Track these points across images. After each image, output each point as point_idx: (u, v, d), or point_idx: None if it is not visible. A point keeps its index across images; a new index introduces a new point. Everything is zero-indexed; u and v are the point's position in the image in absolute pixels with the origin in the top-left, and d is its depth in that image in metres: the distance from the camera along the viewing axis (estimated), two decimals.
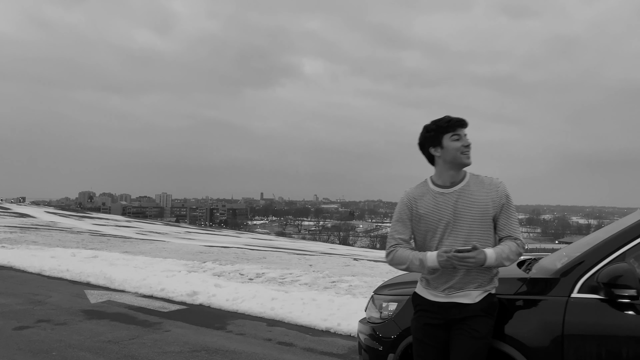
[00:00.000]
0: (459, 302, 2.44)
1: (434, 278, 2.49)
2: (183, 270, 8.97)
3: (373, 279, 8.00)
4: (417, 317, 2.60)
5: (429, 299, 2.53)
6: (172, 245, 13.01)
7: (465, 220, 2.44)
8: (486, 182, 2.53)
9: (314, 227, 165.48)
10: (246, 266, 9.34)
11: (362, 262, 10.35)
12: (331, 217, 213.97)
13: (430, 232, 2.50)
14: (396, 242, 2.58)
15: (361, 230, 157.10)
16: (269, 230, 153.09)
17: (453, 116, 2.52)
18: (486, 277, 2.47)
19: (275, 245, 46.19)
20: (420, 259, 2.45)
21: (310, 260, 10.33)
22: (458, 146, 2.46)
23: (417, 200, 2.56)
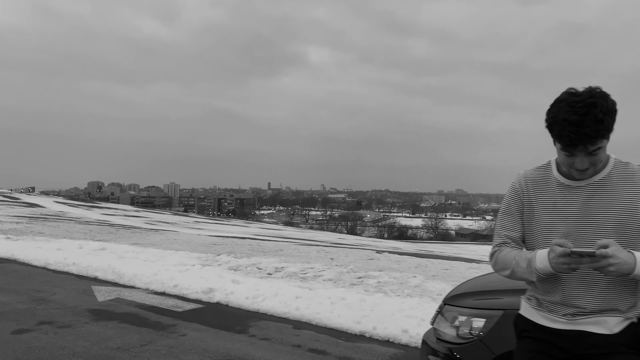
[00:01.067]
0: (589, 331, 1.73)
1: (546, 295, 1.79)
2: (197, 264, 8.39)
3: (402, 274, 7.38)
4: (523, 345, 1.88)
5: (542, 324, 1.82)
6: (183, 237, 12.45)
7: (602, 219, 1.73)
8: (638, 172, 1.78)
9: (322, 217, 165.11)
10: (263, 259, 8.75)
11: (386, 256, 9.72)
12: (338, 206, 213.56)
13: (548, 231, 1.80)
14: (502, 241, 1.89)
15: (369, 219, 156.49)
16: (277, 220, 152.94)
17: (570, 127, 1.62)
18: (630, 299, 1.74)
19: (284, 235, 45.69)
20: (528, 259, 1.77)
21: (331, 253, 9.72)
22: (568, 162, 1.72)
23: (533, 188, 1.88)
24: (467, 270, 8.09)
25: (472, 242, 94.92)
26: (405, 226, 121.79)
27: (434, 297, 6.05)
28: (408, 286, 6.71)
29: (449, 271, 7.95)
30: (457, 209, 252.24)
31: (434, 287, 6.61)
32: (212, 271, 7.77)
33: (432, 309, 5.25)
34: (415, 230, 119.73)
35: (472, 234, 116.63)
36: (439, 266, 8.42)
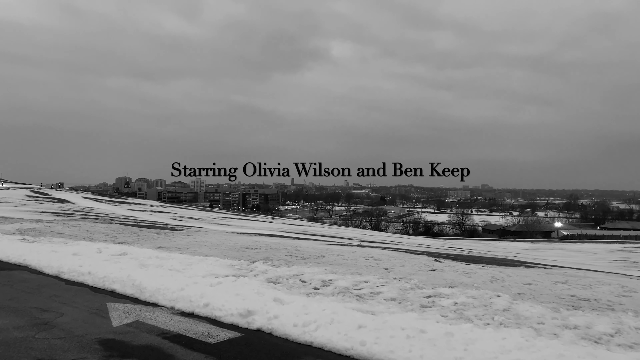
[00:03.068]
0: None
1: None
2: (230, 274, 7.18)
3: (480, 292, 6.01)
4: None
5: None
6: (212, 238, 11.28)
7: None
8: None
9: (345, 212, 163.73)
10: (306, 269, 7.48)
11: (449, 265, 8.33)
12: (362, 202, 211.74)
13: None
14: None
15: (393, 215, 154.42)
16: (301, 215, 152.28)
17: None
18: None
19: (310, 232, 44.50)
20: None
21: (382, 261, 8.38)
22: None
23: None
24: (554, 286, 6.66)
25: (500, 239, 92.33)
26: (431, 222, 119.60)
27: (536, 328, 4.70)
28: (495, 310, 5.35)
29: (533, 287, 6.53)
30: (483, 205, 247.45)
31: (528, 312, 5.23)
32: (249, 284, 6.53)
33: (547, 350, 3.89)
34: (441, 226, 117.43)
35: (499, 230, 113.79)
36: (517, 279, 7.00)
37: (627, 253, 56.09)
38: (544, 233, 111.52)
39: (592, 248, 65.92)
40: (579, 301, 5.71)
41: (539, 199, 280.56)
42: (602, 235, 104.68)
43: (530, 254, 42.71)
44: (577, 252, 56.76)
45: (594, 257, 46.24)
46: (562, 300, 5.71)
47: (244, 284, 6.57)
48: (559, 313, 5.19)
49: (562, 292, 6.19)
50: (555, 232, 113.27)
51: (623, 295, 6.04)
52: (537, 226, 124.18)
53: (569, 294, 6.07)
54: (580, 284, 6.78)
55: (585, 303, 5.62)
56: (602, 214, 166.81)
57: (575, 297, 5.90)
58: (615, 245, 74.22)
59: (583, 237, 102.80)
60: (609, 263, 36.39)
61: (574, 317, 5.05)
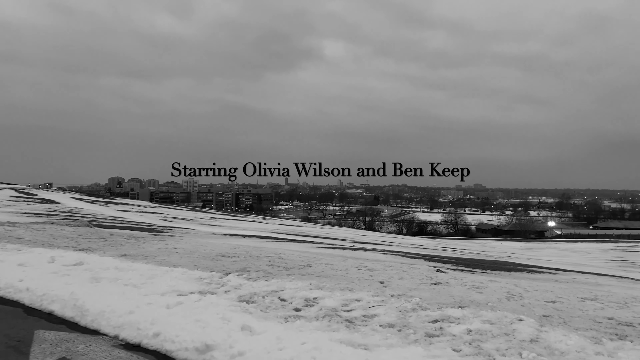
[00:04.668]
0: None
1: None
2: (195, 292, 6.01)
3: (497, 314, 4.89)
4: None
5: None
6: (186, 245, 10.09)
7: None
8: None
9: (339, 212, 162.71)
10: (287, 283, 6.33)
11: (453, 276, 7.19)
12: (356, 202, 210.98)
13: None
14: None
15: (386, 215, 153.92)
16: (294, 215, 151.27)
17: None
18: None
19: (303, 232, 43.34)
20: None
21: (377, 272, 7.22)
22: None
23: None
24: (584, 304, 5.55)
25: (494, 238, 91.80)
26: (424, 221, 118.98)
27: None
28: (520, 341, 4.22)
29: (559, 306, 5.42)
30: (476, 204, 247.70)
31: (563, 344, 4.10)
32: (215, 305, 5.37)
33: None
34: (435, 226, 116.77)
35: (493, 230, 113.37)
36: (538, 295, 5.88)
37: (621, 252, 55.51)
38: (537, 232, 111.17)
39: (585, 247, 65.32)
40: (621, 327, 4.60)
41: (531, 198, 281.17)
42: (595, 235, 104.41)
43: (525, 254, 41.78)
44: (571, 251, 56.08)
45: (588, 257, 45.46)
46: (600, 326, 4.59)
47: (209, 304, 5.40)
48: (602, 345, 4.08)
49: (596, 314, 5.07)
50: (549, 232, 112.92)
51: None
52: (530, 225, 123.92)
53: (605, 316, 4.95)
54: (614, 301, 5.67)
55: (629, 329, 4.51)
56: (594, 213, 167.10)
57: (614, 321, 4.78)
58: (608, 244, 73.75)
59: (576, 236, 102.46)
60: (604, 263, 35.55)
61: (623, 352, 3.94)
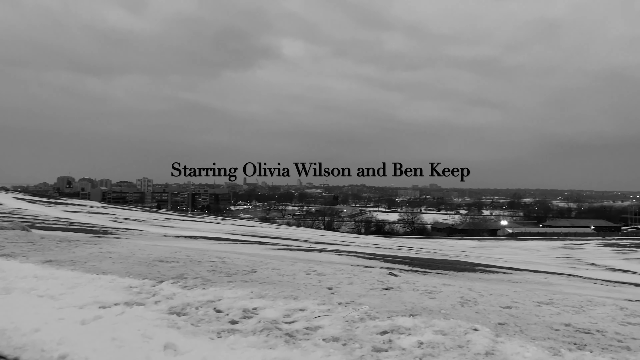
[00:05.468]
0: None
1: None
2: (121, 303, 5.35)
3: (450, 323, 4.52)
4: None
5: None
6: (123, 249, 9.33)
7: None
8: None
9: (298, 212, 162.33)
10: (226, 292, 5.76)
11: (405, 279, 6.80)
12: (315, 202, 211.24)
13: None
14: None
15: (345, 214, 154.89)
16: (253, 215, 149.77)
17: None
18: None
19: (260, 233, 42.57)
20: None
21: (327, 277, 6.75)
22: None
23: None
24: (540, 309, 5.27)
25: (449, 237, 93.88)
26: (382, 221, 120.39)
27: None
28: (475, 354, 3.84)
29: (515, 311, 5.11)
30: (432, 204, 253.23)
31: (520, 357, 3.74)
32: (139, 319, 4.74)
33: None
34: (392, 225, 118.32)
35: (448, 228, 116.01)
36: (492, 300, 5.57)
37: (568, 250, 57.73)
38: (490, 231, 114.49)
39: (535, 245, 67.66)
40: (579, 334, 4.31)
41: (484, 198, 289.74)
42: (544, 233, 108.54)
43: (479, 253, 42.63)
44: (522, 249, 57.84)
45: (538, 255, 46.95)
46: (557, 334, 4.29)
47: (132, 318, 4.77)
48: (561, 357, 3.76)
49: (552, 320, 4.78)
50: (501, 230, 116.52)
51: (629, 322, 4.70)
52: (483, 224, 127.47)
53: (562, 323, 4.67)
54: (570, 305, 5.43)
55: (588, 337, 4.22)
56: (544, 212, 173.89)
57: (572, 328, 4.50)
58: (556, 242, 76.76)
59: (527, 234, 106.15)
60: (553, 260, 36.71)
61: None
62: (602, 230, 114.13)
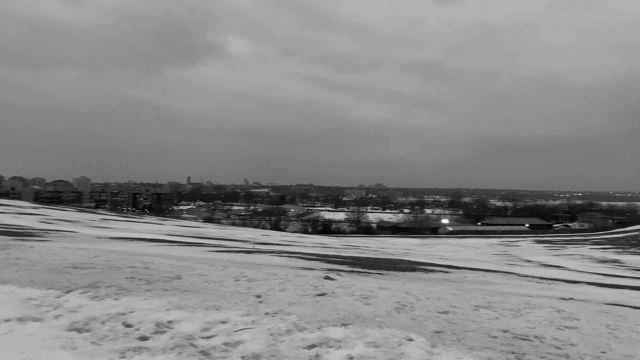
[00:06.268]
0: None
1: None
2: (13, 319, 4.63)
3: (384, 332, 4.15)
4: None
5: None
6: (34, 254, 8.41)
7: None
8: None
9: (244, 212, 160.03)
10: (140, 302, 5.15)
11: (341, 283, 6.42)
12: (262, 201, 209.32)
13: None
14: None
15: (293, 214, 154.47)
16: (197, 215, 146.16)
17: None
18: None
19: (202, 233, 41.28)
20: None
21: (257, 283, 6.25)
22: None
23: None
24: (477, 314, 5.04)
25: (393, 235, 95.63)
26: (329, 220, 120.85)
27: None
28: None
29: (452, 317, 4.84)
30: (377, 203, 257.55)
31: None
32: (30, 339, 4.07)
33: None
34: (339, 224, 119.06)
35: (392, 227, 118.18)
36: (429, 305, 5.29)
37: (504, 247, 60.15)
38: (431, 229, 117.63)
39: (474, 242, 70.08)
40: (517, 341, 4.07)
41: (427, 197, 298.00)
42: (482, 231, 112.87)
43: (421, 250, 43.45)
44: (462, 246, 59.68)
45: (477, 252, 48.51)
46: (495, 343, 4.03)
47: (19, 338, 4.08)
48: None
49: (490, 326, 4.54)
50: (442, 228, 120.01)
51: (566, 326, 4.52)
52: (425, 223, 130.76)
53: (500, 329, 4.43)
54: (508, 309, 5.23)
55: (526, 345, 3.98)
56: (482, 210, 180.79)
57: (510, 334, 4.26)
58: (494, 239, 79.92)
59: (466, 232, 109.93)
60: (491, 257, 37.96)
61: None
62: (535, 227, 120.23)
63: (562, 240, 74.45)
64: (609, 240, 70.06)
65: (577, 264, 32.98)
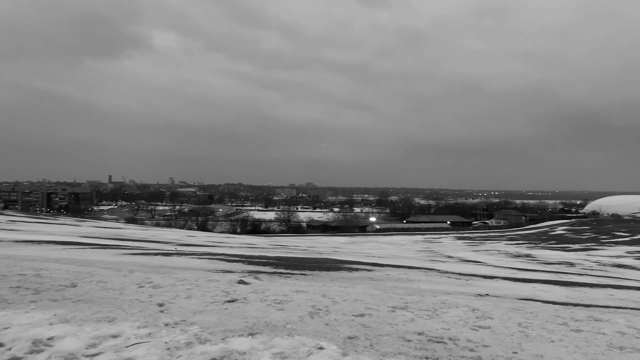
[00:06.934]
0: None
1: None
2: None
3: (296, 341, 3.82)
4: None
5: None
6: None
7: None
8: None
9: (170, 212, 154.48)
10: (19, 316, 4.48)
11: (256, 287, 6.03)
12: (189, 201, 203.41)
13: None
14: None
15: (221, 214, 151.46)
16: (119, 216, 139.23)
17: None
18: None
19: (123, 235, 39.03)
20: None
21: (162, 290, 5.71)
22: None
23: None
24: (394, 316, 4.86)
25: (323, 234, 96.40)
26: (258, 220, 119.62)
27: None
28: None
29: (368, 320, 4.62)
30: (308, 202, 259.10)
31: None
32: None
33: None
34: (269, 224, 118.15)
35: (322, 226, 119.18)
36: (346, 308, 5.05)
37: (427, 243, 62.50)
38: (360, 227, 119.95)
39: (400, 240, 72.23)
40: (431, 344, 3.90)
41: (356, 196, 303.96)
42: (407, 228, 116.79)
43: (350, 248, 43.95)
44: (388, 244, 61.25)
45: (402, 249, 49.95)
46: (409, 346, 3.84)
47: None
48: None
49: (406, 328, 4.36)
50: (370, 226, 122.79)
51: (480, 326, 4.45)
52: (354, 221, 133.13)
53: (415, 331, 4.26)
54: (424, 309, 5.11)
55: (440, 348, 3.83)
56: (407, 208, 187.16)
57: (425, 337, 4.09)
58: (418, 236, 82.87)
59: (392, 230, 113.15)
60: (415, 254, 39.16)
61: None
62: (456, 225, 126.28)
63: (480, 236, 78.66)
64: (522, 236, 74.98)
65: (494, 259, 34.79)
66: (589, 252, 44.40)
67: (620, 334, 4.23)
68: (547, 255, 38.54)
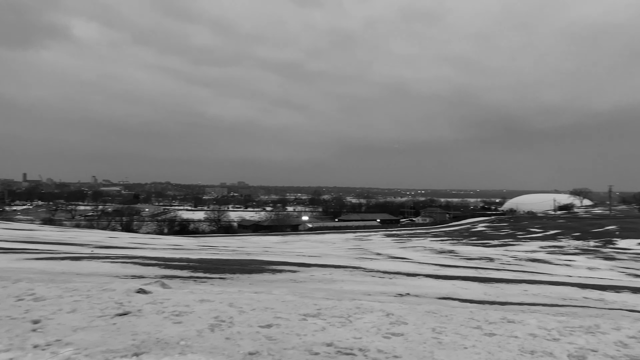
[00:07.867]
0: None
1: None
2: None
3: (189, 358, 3.34)
4: None
5: None
6: None
7: None
8: None
9: (92, 212, 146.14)
10: None
11: (155, 297, 5.42)
12: (113, 200, 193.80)
13: None
14: None
15: (147, 214, 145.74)
16: (34, 216, 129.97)
17: None
18: None
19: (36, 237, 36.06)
20: None
21: (42, 302, 4.98)
22: None
23: None
24: (304, 325, 4.50)
25: (254, 234, 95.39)
26: (187, 220, 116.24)
27: None
28: None
29: (275, 331, 4.22)
30: (239, 201, 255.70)
31: None
32: None
33: None
34: (198, 224, 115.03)
35: (253, 225, 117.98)
36: (252, 318, 4.61)
37: (358, 241, 63.54)
38: (292, 226, 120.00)
39: (331, 238, 72.94)
40: (340, 356, 3.58)
41: (289, 195, 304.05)
42: (339, 226, 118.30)
43: (281, 248, 43.56)
44: (320, 242, 61.58)
45: (333, 247, 50.32)
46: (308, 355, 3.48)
47: None
48: None
49: (315, 339, 4.01)
50: (302, 225, 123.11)
51: (393, 333, 4.19)
52: (287, 220, 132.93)
53: (324, 342, 3.92)
54: (337, 315, 4.79)
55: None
56: (339, 207, 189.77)
57: (333, 348, 3.76)
58: (349, 234, 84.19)
59: (324, 228, 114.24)
60: (345, 252, 39.50)
61: None
62: (385, 222, 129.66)
63: (407, 233, 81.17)
64: (446, 233, 78.23)
65: (419, 255, 35.78)
66: (507, 247, 47.02)
67: (532, 336, 4.15)
68: (468, 251, 40.28)
